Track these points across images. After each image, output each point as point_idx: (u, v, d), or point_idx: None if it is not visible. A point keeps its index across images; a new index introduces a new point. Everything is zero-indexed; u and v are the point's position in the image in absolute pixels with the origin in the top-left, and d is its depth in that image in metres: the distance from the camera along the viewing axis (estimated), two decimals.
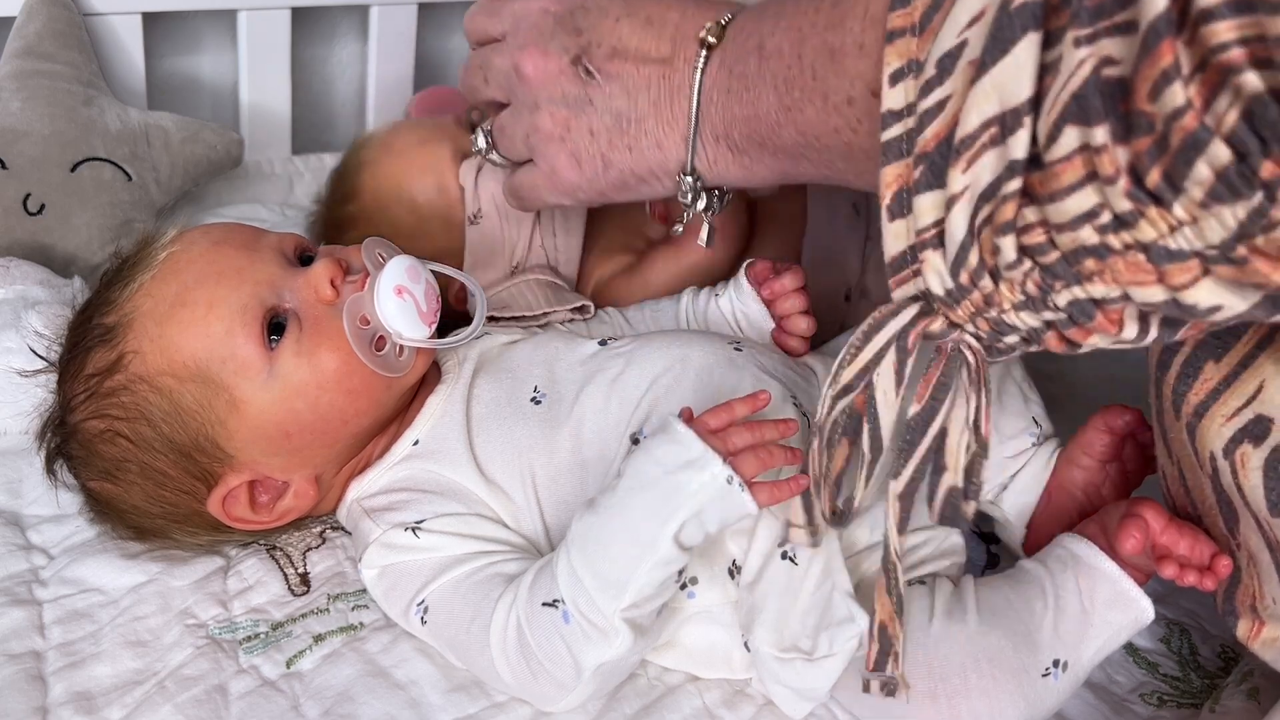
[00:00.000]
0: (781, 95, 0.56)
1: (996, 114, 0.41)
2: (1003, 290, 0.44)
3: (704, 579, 0.63)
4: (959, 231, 0.44)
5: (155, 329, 0.63)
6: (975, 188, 0.42)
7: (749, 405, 0.59)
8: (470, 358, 0.72)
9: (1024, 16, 0.40)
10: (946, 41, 0.44)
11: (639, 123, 0.63)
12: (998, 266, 0.44)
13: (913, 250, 0.46)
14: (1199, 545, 0.59)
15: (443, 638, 0.63)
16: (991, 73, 0.41)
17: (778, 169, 0.61)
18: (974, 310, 0.46)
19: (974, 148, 0.42)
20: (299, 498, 0.67)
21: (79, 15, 0.99)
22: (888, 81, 0.46)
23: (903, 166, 0.46)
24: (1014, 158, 0.41)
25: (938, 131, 0.44)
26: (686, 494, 0.55)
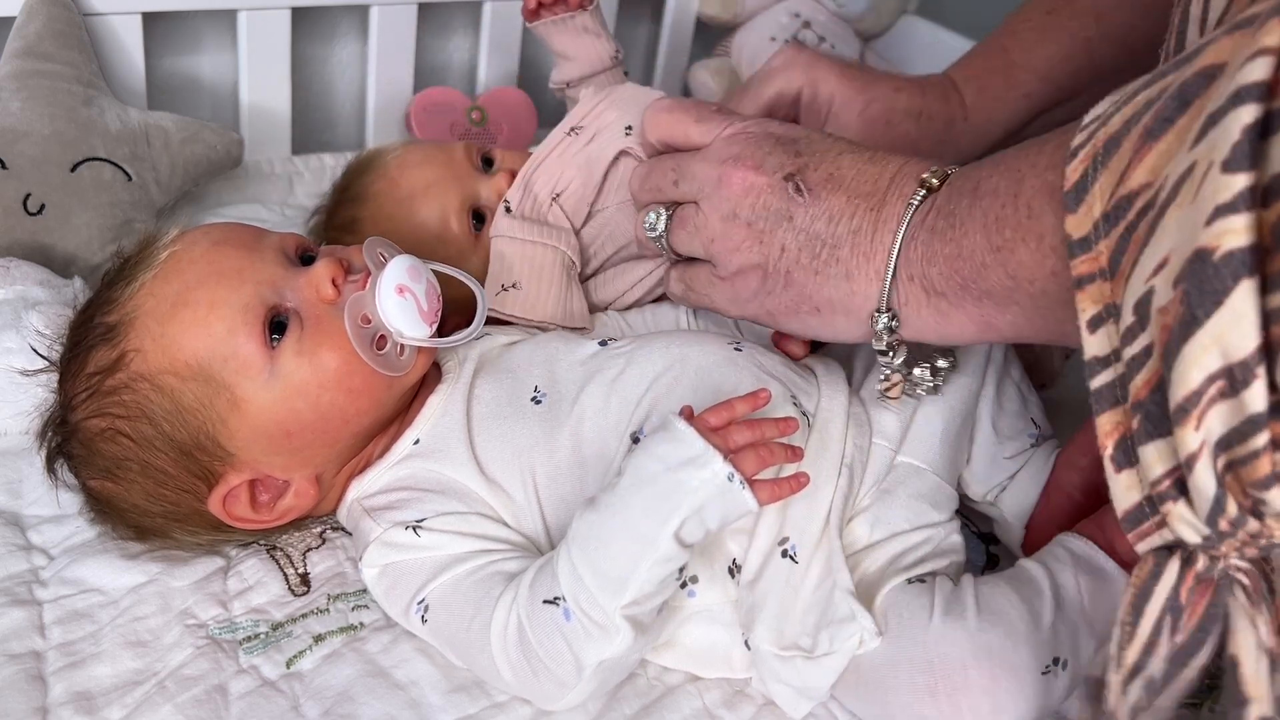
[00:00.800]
0: (991, 235, 0.53)
1: (1221, 368, 0.39)
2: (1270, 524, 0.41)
3: (704, 578, 0.63)
4: (1208, 488, 0.41)
5: (157, 328, 0.63)
6: (1210, 440, 0.40)
7: (749, 403, 0.60)
8: (471, 358, 0.72)
9: (1233, 265, 0.38)
10: (1138, 288, 0.42)
11: (833, 249, 0.60)
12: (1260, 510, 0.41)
13: (1150, 502, 0.44)
14: None
15: (443, 636, 0.63)
16: (1207, 326, 0.39)
17: (979, 318, 0.56)
18: (1240, 545, 0.43)
19: (1201, 404, 0.40)
20: (300, 497, 0.67)
21: (79, 15, 0.99)
22: (1087, 328, 0.45)
23: (1120, 414, 0.44)
24: (1254, 411, 0.38)
25: (1148, 379, 0.42)
26: (687, 491, 0.56)
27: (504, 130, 1.21)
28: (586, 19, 0.96)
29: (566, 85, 1.00)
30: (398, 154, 0.89)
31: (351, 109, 1.28)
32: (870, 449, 0.68)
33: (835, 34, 1.35)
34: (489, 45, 1.25)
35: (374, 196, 0.87)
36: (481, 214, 0.86)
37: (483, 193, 0.86)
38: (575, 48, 0.97)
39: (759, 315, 0.66)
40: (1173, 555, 0.46)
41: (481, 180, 0.87)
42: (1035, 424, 0.73)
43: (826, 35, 1.34)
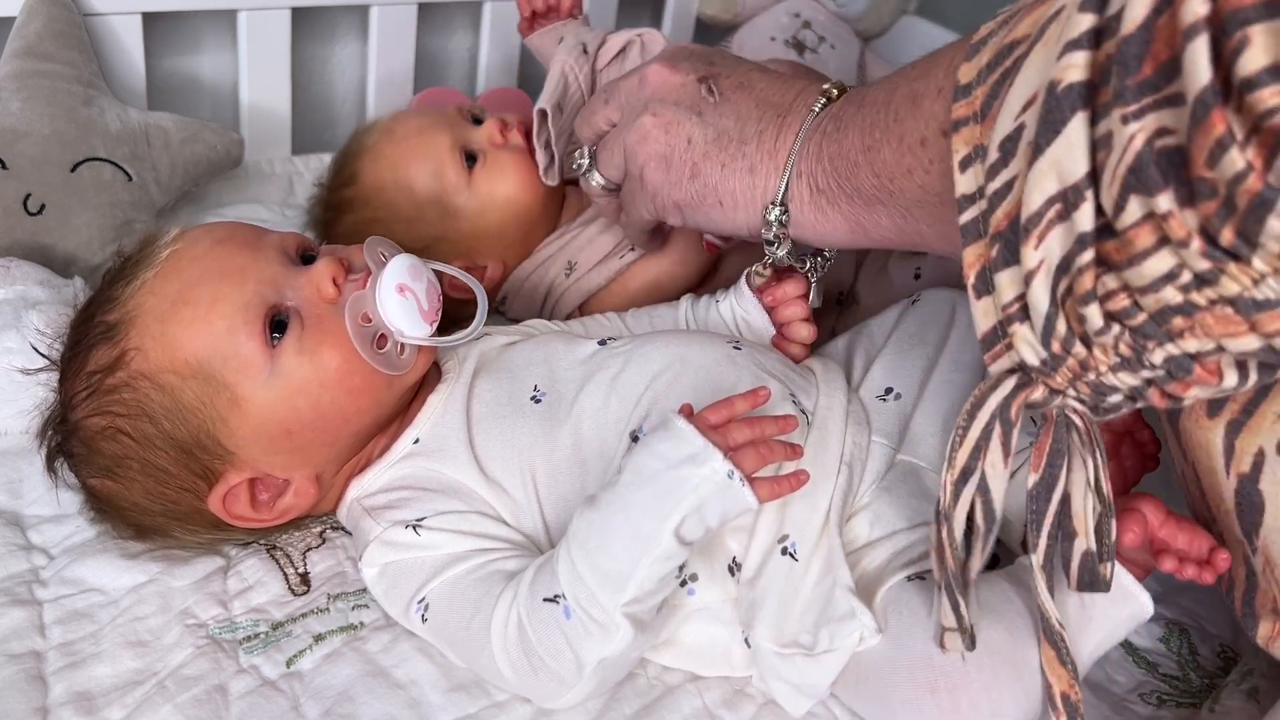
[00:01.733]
0: (864, 136, 0.58)
1: (1058, 191, 0.42)
2: (1097, 354, 0.45)
3: (704, 576, 0.63)
4: (1042, 304, 0.45)
5: (157, 326, 0.63)
6: (1050, 261, 0.43)
7: (749, 401, 0.60)
8: (470, 357, 0.72)
9: (1070, 98, 0.41)
10: (1005, 126, 0.45)
11: (740, 144, 0.65)
12: (1087, 333, 0.44)
13: (1001, 326, 0.47)
14: (1197, 539, 0.59)
15: (443, 635, 0.63)
16: (1047, 153, 0.42)
17: (851, 217, 0.61)
18: (1072, 375, 0.47)
19: (1041, 224, 0.43)
20: (299, 496, 0.67)
21: (79, 15, 0.99)
22: (958, 168, 0.48)
23: (981, 246, 0.47)
24: (1082, 230, 0.42)
25: (1008, 211, 0.45)
26: (687, 489, 0.56)
27: None
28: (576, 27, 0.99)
29: None
30: (391, 114, 0.94)
31: (351, 109, 1.28)
32: (870, 447, 0.68)
33: (835, 34, 1.35)
34: (489, 45, 1.25)
35: (372, 147, 0.91)
36: (474, 155, 0.90)
37: (474, 137, 0.91)
38: None
39: (668, 211, 0.69)
40: (1012, 374, 0.49)
41: (473, 128, 0.92)
42: (1034, 422, 0.73)
43: (826, 35, 1.34)
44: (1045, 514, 0.52)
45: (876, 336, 0.76)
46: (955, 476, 0.52)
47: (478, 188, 0.89)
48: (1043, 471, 0.51)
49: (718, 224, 0.67)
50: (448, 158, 0.88)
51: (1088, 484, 0.52)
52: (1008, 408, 0.50)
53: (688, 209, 0.68)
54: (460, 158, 0.89)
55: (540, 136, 0.87)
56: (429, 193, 0.88)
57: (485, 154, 0.89)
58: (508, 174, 0.89)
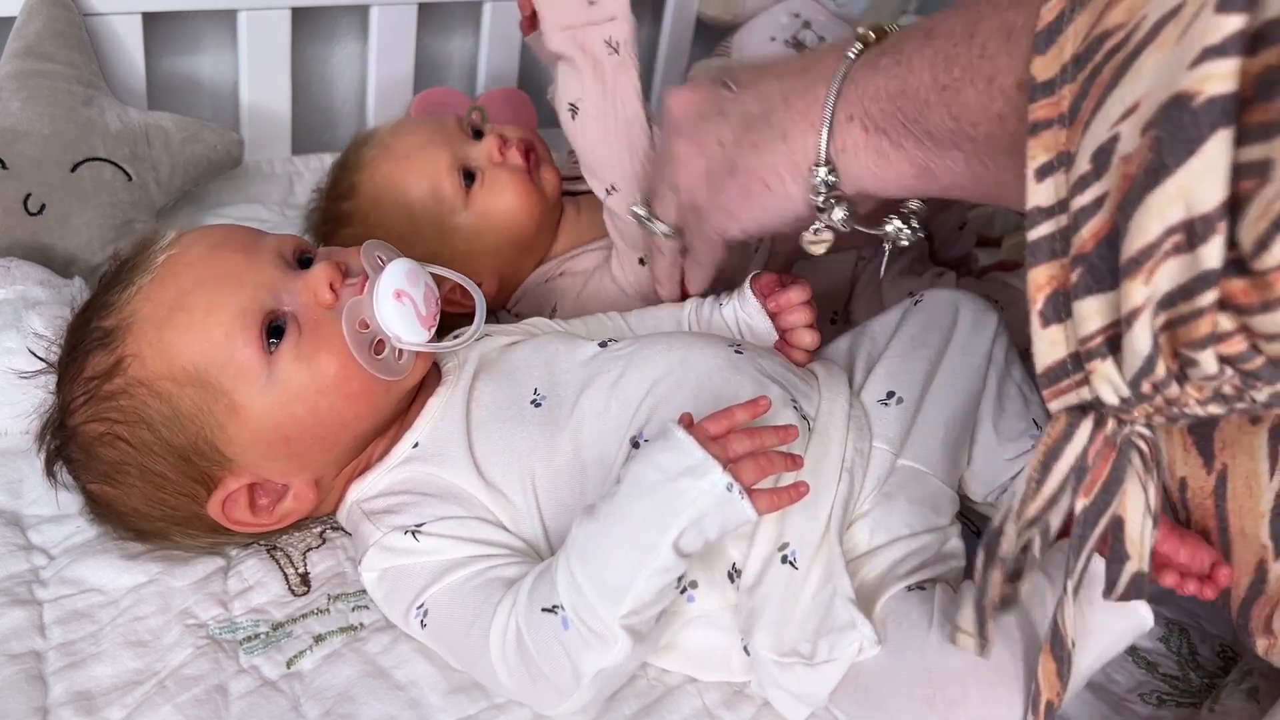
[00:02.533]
0: (938, 73, 0.50)
1: (1182, 220, 0.37)
2: (1189, 392, 0.41)
3: (704, 583, 0.63)
4: (1143, 346, 0.40)
5: (154, 333, 0.63)
6: (1155, 297, 0.38)
7: (749, 411, 0.59)
8: (470, 360, 0.72)
9: (1212, 114, 0.36)
10: (1099, 134, 0.40)
11: (766, 117, 0.59)
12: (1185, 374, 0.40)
13: (1075, 359, 0.43)
14: (1199, 554, 0.59)
15: (442, 641, 0.63)
16: (1176, 175, 0.37)
17: (919, 161, 0.54)
18: (1153, 410, 0.43)
19: (1155, 257, 0.38)
20: (299, 501, 0.67)
21: (79, 15, 0.99)
22: (1034, 176, 0.43)
23: (1057, 267, 0.42)
24: (1207, 268, 0.37)
25: (1096, 231, 0.40)
26: (686, 501, 0.55)
27: None
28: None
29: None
30: (391, 125, 0.93)
31: (351, 109, 1.28)
32: (871, 453, 0.68)
33: (835, 34, 1.34)
34: (489, 45, 1.25)
35: (369, 162, 0.90)
36: (472, 173, 0.89)
37: (472, 154, 0.89)
38: None
39: (724, 223, 0.64)
40: (1086, 416, 0.45)
41: (471, 144, 0.90)
42: (1037, 425, 0.73)
43: (826, 35, 1.33)
44: (1089, 538, 0.49)
45: (878, 338, 0.75)
46: (1022, 526, 0.49)
47: (475, 207, 0.88)
48: (1094, 498, 0.47)
49: (774, 212, 0.61)
50: (445, 177, 0.87)
51: (1146, 508, 0.48)
52: (1085, 456, 0.46)
53: (740, 212, 0.63)
54: (458, 177, 0.88)
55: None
56: (426, 212, 0.87)
57: (484, 173, 0.88)
58: (505, 194, 0.88)
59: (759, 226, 0.64)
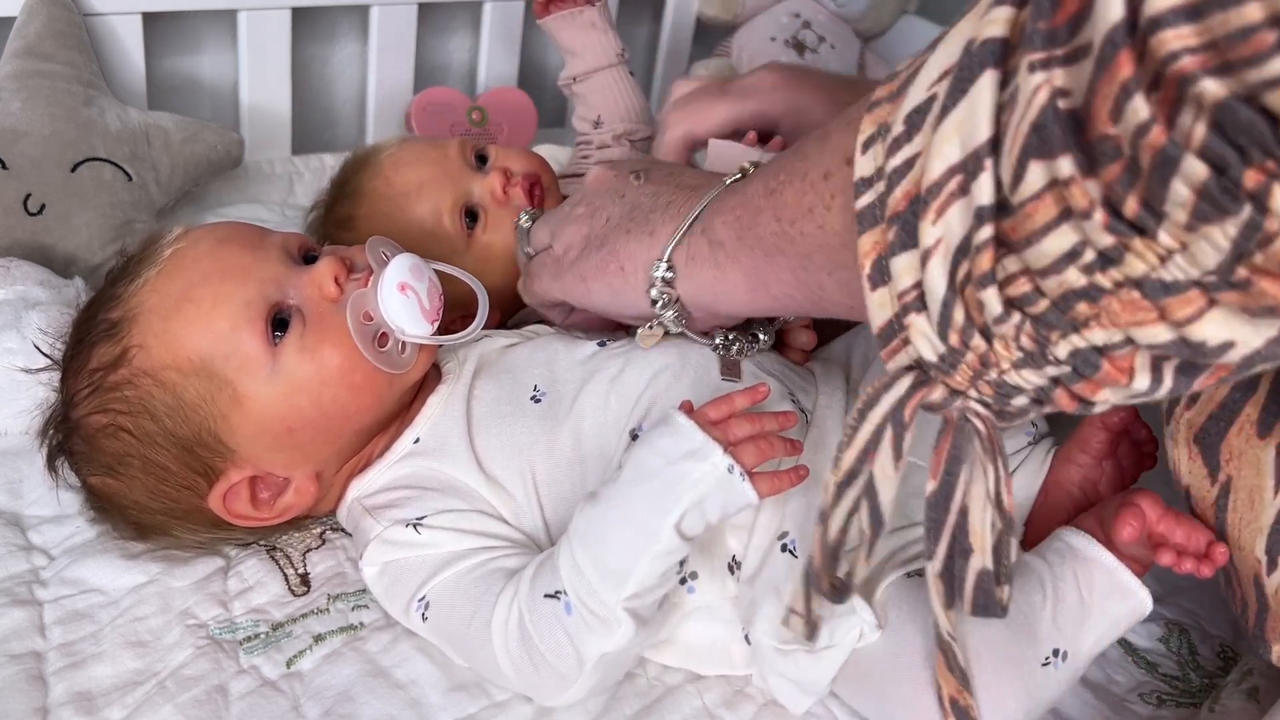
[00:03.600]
0: (769, 180, 0.55)
1: (960, 159, 0.39)
2: (997, 348, 0.41)
3: (704, 574, 0.63)
4: (939, 287, 0.41)
5: (160, 324, 0.63)
6: (949, 240, 0.40)
7: (749, 397, 0.60)
8: (470, 358, 0.72)
9: (983, 54, 0.38)
10: (915, 97, 0.42)
11: (648, 213, 0.64)
12: (987, 324, 0.41)
13: (898, 318, 0.44)
14: (1195, 533, 0.60)
15: (444, 634, 0.63)
16: (952, 115, 0.39)
17: (750, 271, 0.57)
18: (973, 373, 0.43)
19: (941, 196, 0.39)
20: (300, 494, 0.67)
21: (79, 15, 0.99)
22: (860, 149, 0.44)
23: (878, 233, 0.43)
24: (980, 203, 0.38)
25: (907, 190, 0.41)
26: (688, 484, 0.56)
27: (504, 130, 1.21)
28: (594, 14, 0.99)
29: (573, 80, 1.01)
30: (392, 152, 0.89)
31: (351, 109, 1.28)
32: None
33: (835, 34, 1.35)
34: (489, 45, 1.25)
35: (369, 194, 0.87)
36: (474, 213, 0.86)
37: (475, 191, 0.87)
38: (582, 43, 0.99)
39: (573, 283, 0.68)
40: (909, 372, 0.46)
41: (475, 178, 0.87)
42: (1033, 422, 0.73)
43: (826, 35, 1.34)
44: (943, 524, 0.48)
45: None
46: (840, 478, 0.48)
47: (477, 249, 0.85)
48: (940, 479, 0.47)
49: (618, 291, 0.65)
50: (447, 218, 0.85)
51: (987, 496, 0.46)
52: (902, 409, 0.46)
53: (592, 283, 0.66)
54: (460, 219, 0.85)
55: None
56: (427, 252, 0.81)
57: (487, 213, 0.86)
58: (507, 236, 0.85)
59: (604, 304, 0.67)
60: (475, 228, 0.86)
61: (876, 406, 0.46)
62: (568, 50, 1.01)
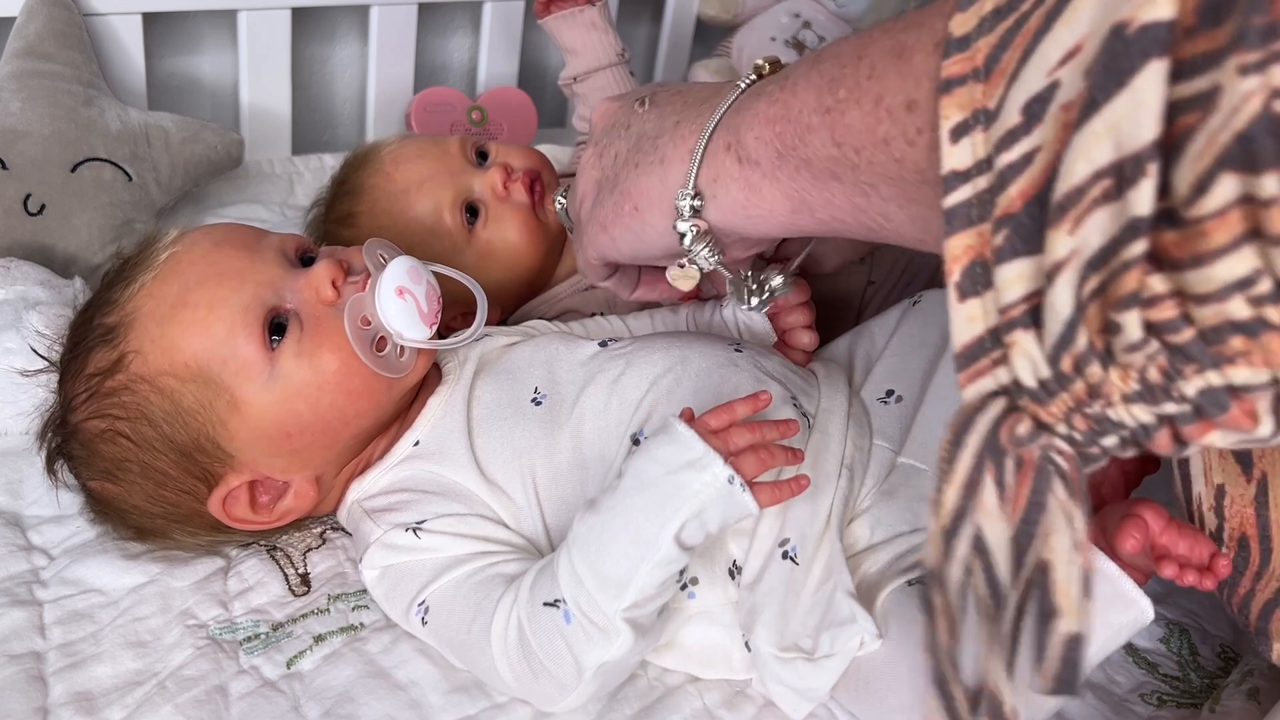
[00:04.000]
0: (822, 94, 0.46)
1: (1111, 162, 0.33)
2: (1113, 378, 0.36)
3: (704, 579, 0.63)
4: (1064, 307, 0.35)
5: (156, 329, 0.63)
6: (1083, 253, 0.34)
7: (750, 406, 0.59)
8: (471, 359, 0.72)
9: (1145, 42, 0.32)
10: (1033, 83, 0.36)
11: (654, 139, 0.57)
12: (1111, 349, 0.36)
13: (994, 334, 0.38)
14: (1198, 545, 0.59)
15: (443, 638, 0.63)
16: (1104, 112, 0.33)
17: (794, 195, 0.50)
18: (1073, 405, 0.37)
19: (1082, 204, 0.34)
20: (299, 498, 0.67)
21: (79, 15, 0.99)
22: (948, 138, 0.39)
23: (974, 235, 0.38)
24: (1136, 214, 0.33)
25: (1024, 189, 0.36)
26: (688, 494, 0.56)
27: (504, 130, 1.21)
28: (594, 14, 0.99)
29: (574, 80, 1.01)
30: (393, 148, 0.89)
31: (351, 109, 1.28)
32: (871, 450, 0.68)
33: (835, 34, 1.35)
34: (489, 45, 1.25)
35: (369, 190, 0.87)
36: (475, 209, 0.87)
37: (476, 187, 0.87)
38: (583, 42, 0.99)
39: (598, 236, 0.61)
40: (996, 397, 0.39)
41: (475, 175, 0.88)
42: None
43: (826, 35, 1.34)
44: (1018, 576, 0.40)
45: (878, 338, 0.76)
46: (946, 524, 0.40)
47: (478, 245, 0.86)
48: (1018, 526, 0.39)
49: (640, 236, 0.58)
50: (448, 214, 0.85)
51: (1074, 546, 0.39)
52: (996, 435, 0.39)
53: (613, 230, 0.60)
54: (461, 215, 0.86)
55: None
56: (428, 248, 0.85)
57: (487, 208, 0.86)
58: (509, 232, 0.86)
59: (631, 250, 0.60)
60: (476, 224, 0.86)
61: (970, 433, 0.40)
62: (568, 50, 1.01)
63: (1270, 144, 0.30)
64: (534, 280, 0.91)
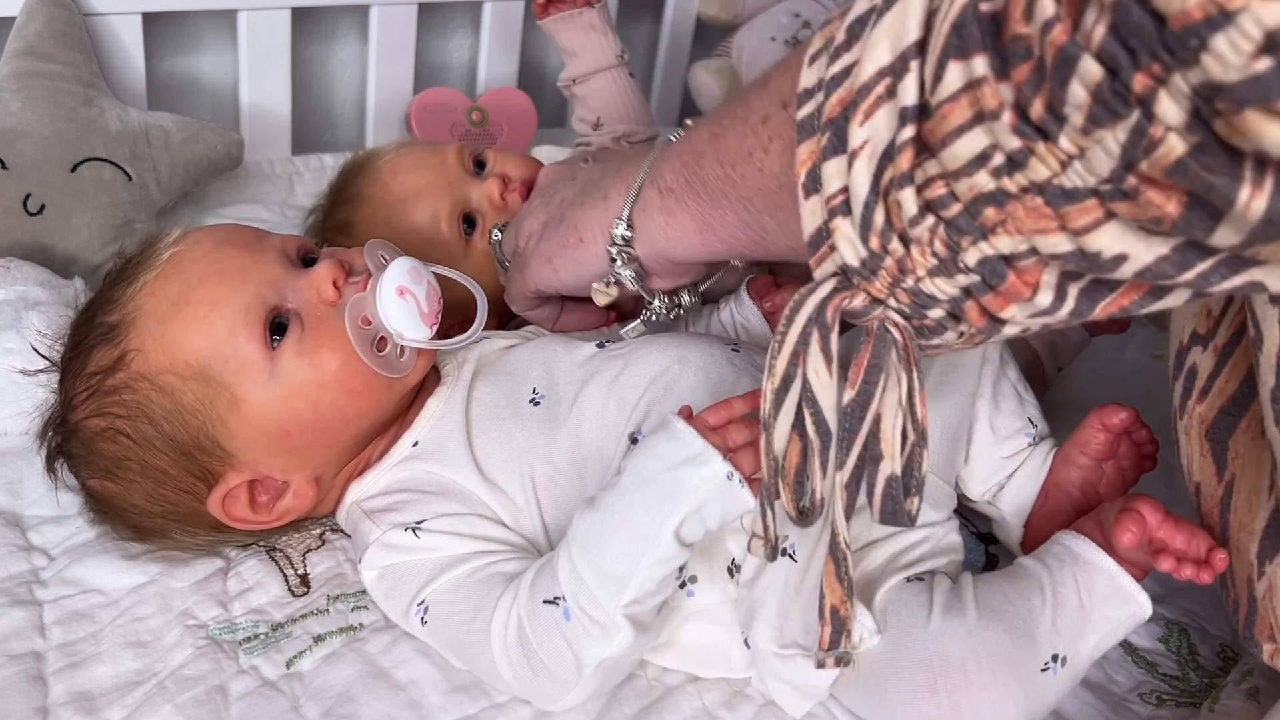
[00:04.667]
0: (712, 125, 0.55)
1: (890, 62, 0.39)
2: (914, 254, 0.42)
3: (703, 577, 0.63)
4: (862, 189, 0.42)
5: (158, 328, 0.63)
6: (875, 143, 0.41)
7: (748, 403, 0.59)
8: (469, 360, 0.72)
9: None
10: (859, 8, 0.42)
11: (599, 182, 0.66)
12: (905, 229, 0.42)
13: (826, 223, 0.45)
14: (1195, 539, 0.60)
15: (443, 638, 0.63)
16: (885, 18, 0.39)
17: (698, 216, 0.58)
18: (891, 280, 0.44)
19: (870, 99, 0.40)
20: (299, 498, 0.67)
21: (79, 15, 0.99)
22: (806, 62, 0.45)
23: (814, 142, 0.44)
24: (904, 104, 0.39)
25: (842, 96, 0.42)
26: (687, 490, 0.56)
27: (504, 130, 1.21)
28: (594, 16, 0.99)
29: (573, 81, 1.01)
30: (390, 158, 0.89)
31: (351, 109, 1.28)
32: None
33: None
34: (489, 45, 1.25)
35: (368, 200, 0.87)
36: (473, 219, 0.87)
37: (473, 198, 0.87)
38: (582, 44, 1.00)
39: (539, 268, 0.70)
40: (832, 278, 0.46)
41: (473, 185, 0.88)
42: (1033, 423, 0.73)
43: None
44: (857, 433, 0.48)
45: None
46: (776, 385, 0.48)
47: (475, 255, 0.86)
48: (859, 388, 0.47)
49: (583, 266, 0.67)
50: (445, 224, 0.85)
51: (900, 404, 0.47)
52: (824, 309, 0.46)
53: (556, 260, 0.68)
54: (458, 225, 0.86)
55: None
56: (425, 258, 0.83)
57: (485, 218, 0.86)
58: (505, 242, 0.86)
59: (571, 279, 0.69)
60: (473, 234, 0.86)
61: (802, 309, 0.47)
62: (568, 51, 1.01)
63: (976, 30, 0.36)
64: None
